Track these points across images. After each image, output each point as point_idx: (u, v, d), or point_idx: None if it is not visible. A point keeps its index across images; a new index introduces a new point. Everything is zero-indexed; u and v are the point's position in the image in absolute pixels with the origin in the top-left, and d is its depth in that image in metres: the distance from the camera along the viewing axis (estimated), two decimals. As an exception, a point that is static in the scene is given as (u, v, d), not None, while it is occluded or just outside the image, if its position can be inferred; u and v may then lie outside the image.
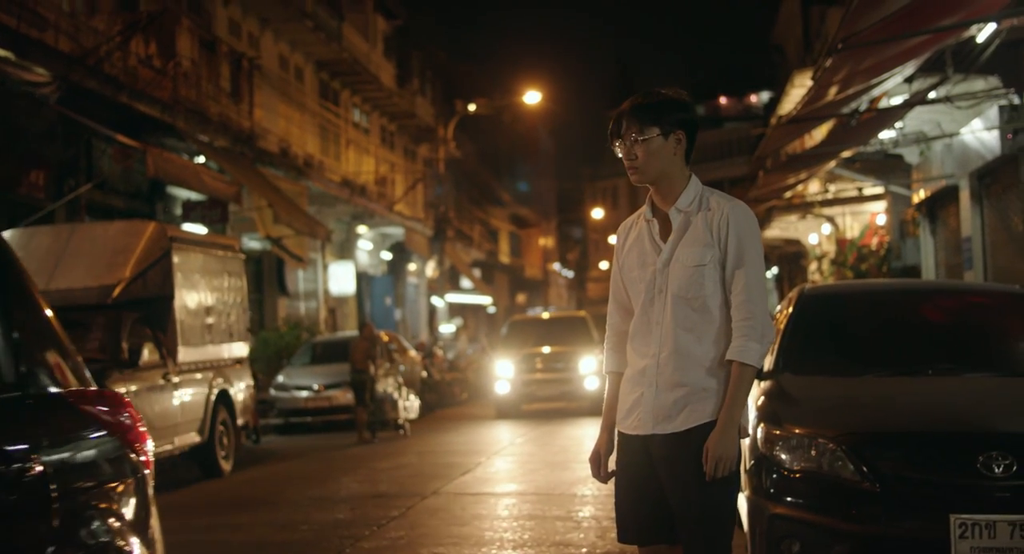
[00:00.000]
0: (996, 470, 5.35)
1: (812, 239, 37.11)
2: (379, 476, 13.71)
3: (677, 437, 4.24)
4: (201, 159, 20.37)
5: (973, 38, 15.12)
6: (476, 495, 11.83)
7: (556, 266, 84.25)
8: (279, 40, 28.38)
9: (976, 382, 6.44)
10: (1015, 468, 5.34)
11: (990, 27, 14.31)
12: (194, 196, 20.62)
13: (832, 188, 33.44)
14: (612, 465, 4.47)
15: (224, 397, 14.36)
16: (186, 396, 13.30)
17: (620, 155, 4.32)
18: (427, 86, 44.60)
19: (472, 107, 40.60)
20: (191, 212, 20.86)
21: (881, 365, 6.75)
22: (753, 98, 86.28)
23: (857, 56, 10.79)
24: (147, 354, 12.50)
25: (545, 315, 34.00)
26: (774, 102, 35.46)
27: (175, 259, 13.35)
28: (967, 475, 5.39)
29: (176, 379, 13.07)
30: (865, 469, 5.52)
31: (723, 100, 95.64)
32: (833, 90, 13.41)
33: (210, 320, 14.25)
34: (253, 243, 24.50)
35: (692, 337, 4.26)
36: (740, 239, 4.24)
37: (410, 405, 20.80)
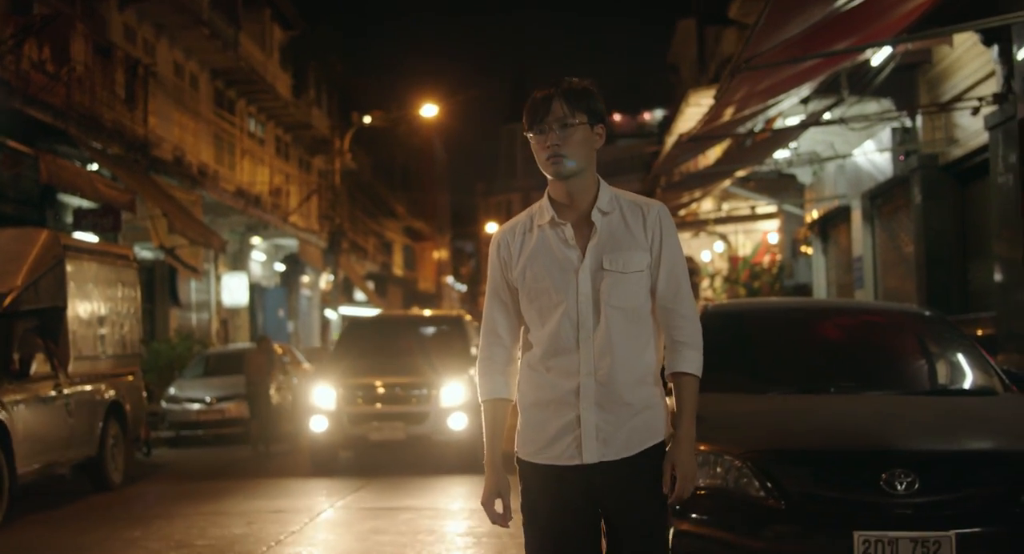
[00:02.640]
0: (899, 488, 5.42)
1: (705, 257, 37.54)
2: (275, 490, 13.55)
3: (629, 461, 3.89)
4: (95, 166, 20.02)
5: (868, 61, 15.43)
6: (373, 509, 11.74)
7: (449, 280, 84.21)
8: (174, 47, 28.02)
9: (877, 400, 6.53)
10: (917, 485, 5.42)
11: (885, 51, 14.62)
12: (86, 204, 20.23)
13: (725, 206, 33.90)
14: (500, 507, 4.01)
15: (116, 409, 14.07)
16: (77, 408, 13.02)
17: (536, 143, 3.92)
18: (323, 97, 44.35)
19: (368, 119, 40.44)
20: (83, 220, 20.45)
21: (784, 383, 6.82)
22: (647, 116, 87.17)
23: (756, 77, 10.94)
24: (38, 365, 12.21)
25: (404, 314, 25.63)
26: (668, 120, 35.79)
27: (68, 268, 13.06)
28: (871, 492, 5.45)
29: (67, 391, 12.79)
30: (770, 486, 5.56)
31: (617, 117, 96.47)
32: (731, 110, 13.59)
33: (103, 331, 13.98)
34: (146, 253, 24.11)
35: (633, 350, 3.90)
36: (671, 242, 3.96)
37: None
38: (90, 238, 20.08)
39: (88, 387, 13.41)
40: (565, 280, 3.89)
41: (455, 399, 15.08)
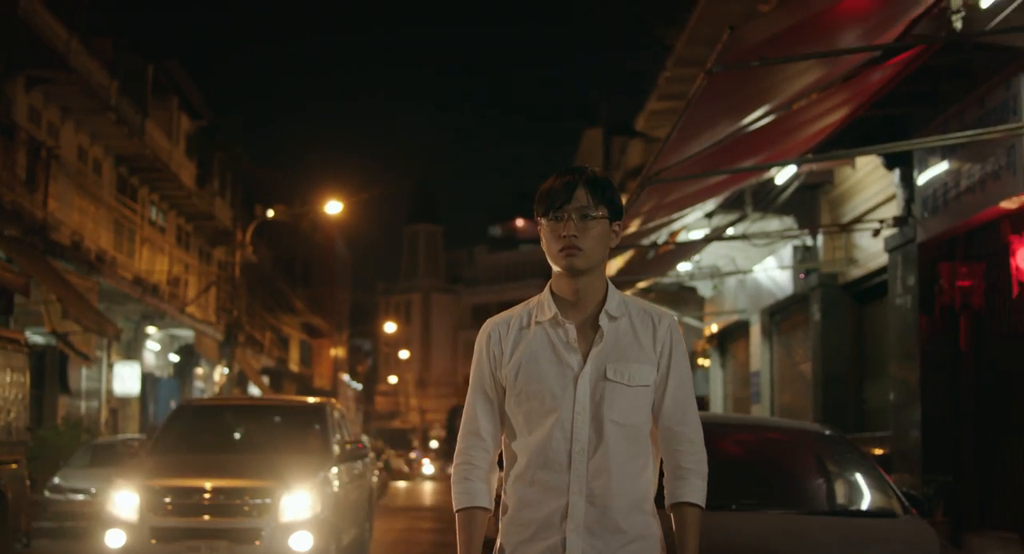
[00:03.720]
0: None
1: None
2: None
3: None
4: (-11, 248, 19.64)
5: (773, 180, 15.70)
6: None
7: (346, 377, 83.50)
8: (80, 131, 27.74)
9: (780, 519, 6.48)
10: None
11: (789, 170, 14.89)
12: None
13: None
14: None
15: (-3, 498, 13.62)
16: (-44, 495, 12.57)
17: (550, 232, 3.54)
18: (227, 188, 44.10)
19: (271, 212, 40.24)
20: (-27, 302, 20.01)
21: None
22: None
23: (665, 189, 11.06)
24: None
25: (252, 399, 21.49)
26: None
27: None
28: None
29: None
30: None
31: (519, 222, 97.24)
32: (638, 221, 13.71)
33: (-11, 417, 13.59)
34: (37, 337, 23.57)
35: (629, 472, 3.50)
36: (681, 359, 3.61)
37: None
38: (-20, 320, 19.69)
39: (-32, 474, 12.96)
40: (562, 386, 3.52)
41: (300, 512, 11.78)
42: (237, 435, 14.23)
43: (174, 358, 37.68)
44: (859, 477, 7.12)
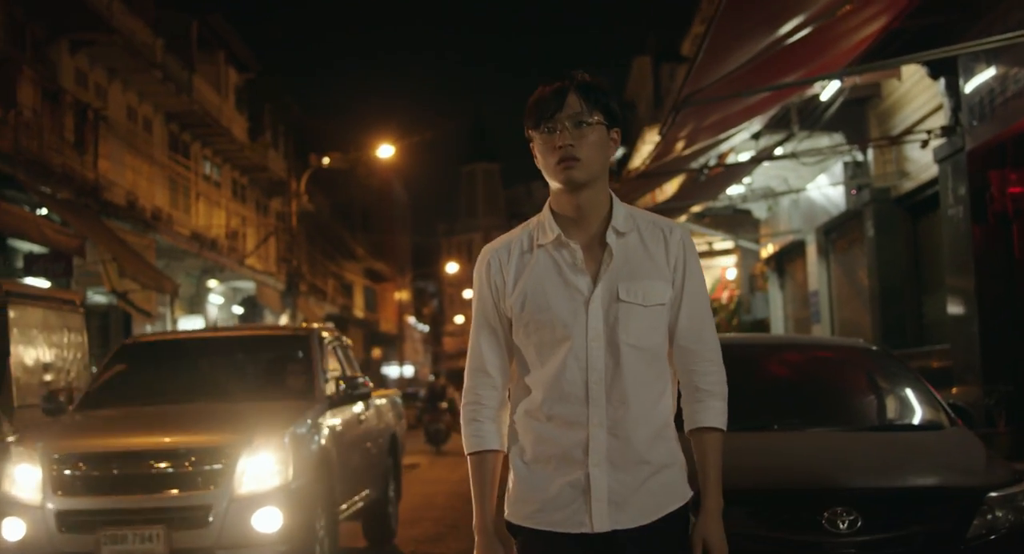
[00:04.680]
0: (841, 526, 5.31)
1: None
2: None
3: (648, 530, 3.26)
4: (44, 211, 19.81)
5: (818, 96, 15.46)
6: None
7: (411, 320, 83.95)
8: (127, 91, 27.84)
9: (821, 437, 6.42)
10: (859, 524, 5.31)
11: (833, 86, 14.64)
12: (37, 249, 20.01)
13: (683, 243, 33.89)
14: None
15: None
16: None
17: (543, 144, 3.28)
18: (280, 139, 44.21)
19: (325, 161, 40.26)
20: (33, 265, 20.21)
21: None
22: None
23: (701, 112, 10.91)
24: (-21, 413, 11.91)
25: (214, 332, 14.22)
26: (627, 158, 35.86)
27: (11, 314, 12.86)
28: (812, 532, 5.34)
29: (12, 438, 12.55)
30: None
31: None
32: (680, 145, 13.57)
33: (48, 377, 13.76)
34: (99, 297, 23.85)
35: (650, 399, 3.28)
36: (696, 273, 3.37)
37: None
38: (41, 283, 19.87)
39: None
40: (572, 312, 3.26)
41: (265, 479, 8.50)
42: (192, 379, 10.54)
43: (238, 310, 37.97)
44: (905, 392, 7.03)
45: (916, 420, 6.83)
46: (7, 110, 19.07)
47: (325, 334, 11.13)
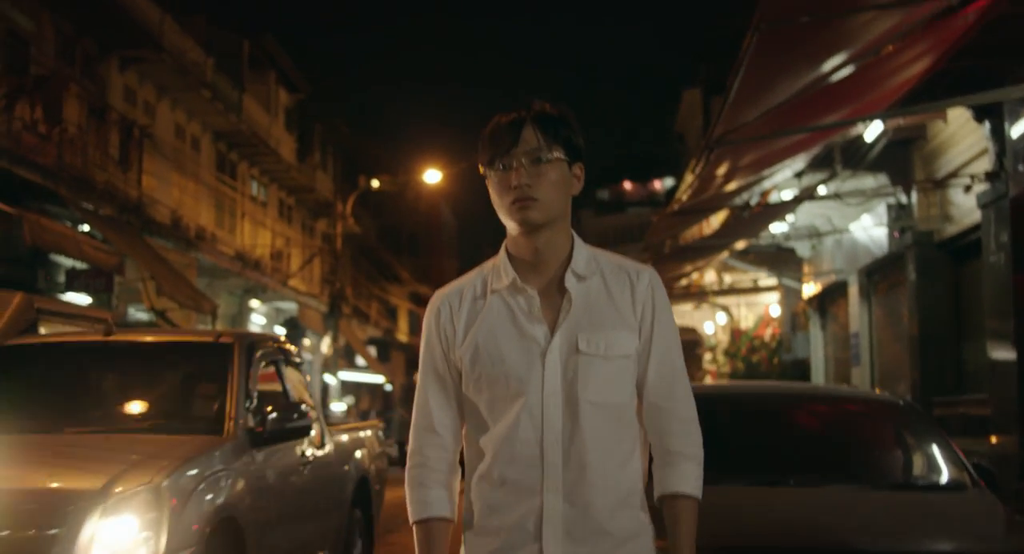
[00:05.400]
0: (850, 591, 5.13)
1: (708, 328, 37.29)
2: None
3: None
4: (86, 227, 19.89)
5: (861, 136, 15.27)
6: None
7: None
8: (176, 109, 28.01)
9: (838, 495, 6.22)
10: None
11: (877, 126, 14.44)
12: (79, 264, 20.10)
13: (728, 278, 33.71)
14: None
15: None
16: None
17: (498, 183, 2.98)
18: (328, 160, 44.36)
19: (375, 183, 40.32)
20: (75, 281, 20.29)
21: (740, 473, 6.48)
22: (657, 184, 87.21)
23: (739, 151, 10.75)
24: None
25: (107, 338, 8.34)
26: (675, 190, 35.78)
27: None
28: None
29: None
30: None
31: (627, 185, 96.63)
32: (717, 183, 13.41)
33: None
34: (141, 314, 23.94)
35: (613, 462, 2.94)
36: (665, 320, 3.04)
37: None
38: (83, 299, 19.96)
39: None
40: (527, 364, 2.93)
41: (121, 548, 5.80)
42: (67, 398, 7.97)
43: (280, 331, 38.04)
44: (927, 449, 6.81)
45: (938, 480, 6.61)
46: (52, 126, 19.17)
47: (262, 343, 8.36)
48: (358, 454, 9.86)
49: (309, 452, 8.31)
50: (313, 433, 8.24)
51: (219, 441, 7.03)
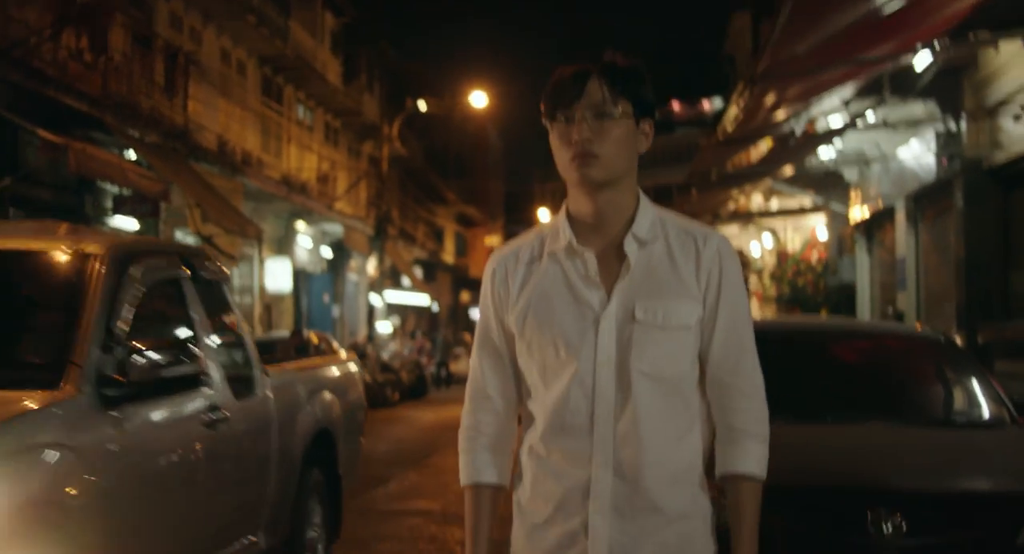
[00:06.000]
0: (886, 529, 5.15)
1: (754, 250, 37.13)
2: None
3: None
4: (132, 154, 19.99)
5: (911, 64, 15.06)
6: (383, 513, 11.60)
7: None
8: (222, 35, 27.97)
9: (875, 432, 6.24)
10: (905, 527, 5.16)
11: (926, 54, 14.24)
12: (126, 190, 20.24)
13: (775, 202, 33.52)
14: None
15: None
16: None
17: (559, 137, 2.82)
18: (374, 83, 44.24)
19: (421, 105, 40.18)
20: (121, 206, 20.44)
21: (776, 410, 6.47)
22: (706, 104, 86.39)
23: (784, 83, 10.66)
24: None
25: None
26: (723, 112, 35.47)
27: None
28: (856, 533, 5.19)
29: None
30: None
31: (675, 105, 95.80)
32: (763, 114, 13.30)
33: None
34: (188, 238, 24.13)
35: (669, 436, 2.80)
36: (733, 290, 2.86)
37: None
38: (130, 223, 20.16)
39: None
40: (580, 331, 2.80)
41: None
42: None
43: (326, 253, 38.24)
44: (966, 385, 6.83)
45: (976, 416, 6.63)
46: (98, 55, 19.22)
47: (147, 255, 5.93)
48: (318, 398, 7.79)
49: (216, 406, 6.05)
50: (216, 379, 6.12)
51: (53, 398, 4.79)
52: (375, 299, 42.23)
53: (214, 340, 6.33)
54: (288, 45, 31.08)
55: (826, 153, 20.99)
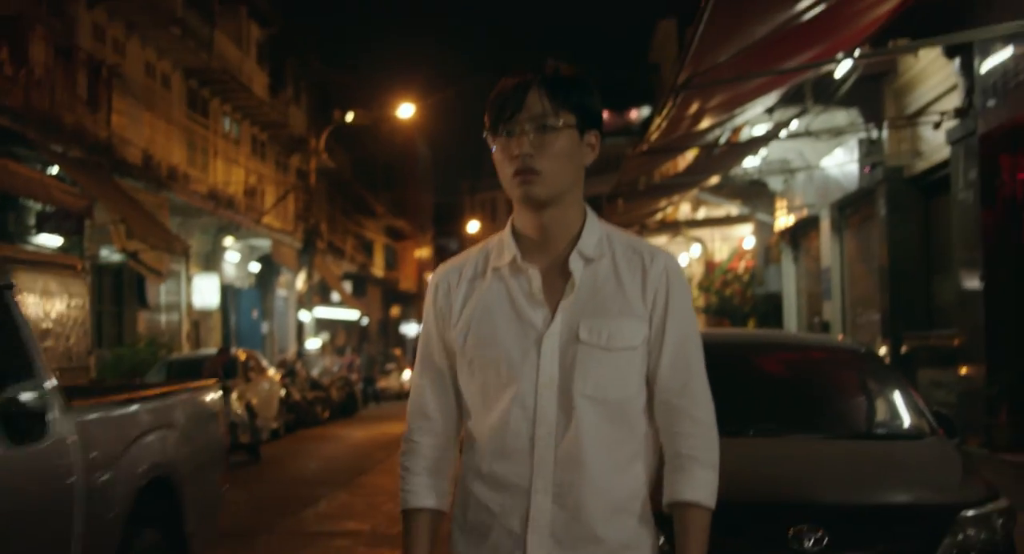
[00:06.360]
0: (807, 544, 5.15)
1: (682, 260, 37.28)
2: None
3: None
4: (55, 169, 19.74)
5: (832, 72, 15.21)
6: (310, 535, 11.47)
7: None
8: (146, 46, 27.70)
9: (796, 445, 6.24)
10: (826, 541, 5.16)
11: (847, 62, 14.39)
12: (49, 206, 19.98)
13: (702, 211, 33.72)
14: None
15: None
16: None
17: (501, 151, 2.71)
18: (301, 95, 44.04)
19: (350, 116, 40.02)
20: (45, 223, 20.16)
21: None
22: (633, 113, 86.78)
23: (706, 93, 10.71)
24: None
25: None
26: (651, 121, 35.62)
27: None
28: (777, 549, 5.19)
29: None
30: (663, 542, 5.30)
31: (605, 114, 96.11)
32: (687, 123, 13.36)
33: (48, 344, 13.71)
34: (113, 256, 23.84)
35: (612, 463, 2.67)
36: (681, 309, 2.73)
37: (263, 426, 20.34)
38: (54, 240, 19.88)
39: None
40: (522, 350, 2.68)
41: None
42: None
43: (254, 268, 37.97)
44: (887, 396, 6.85)
45: (897, 428, 6.66)
46: (18, 68, 18.96)
47: None
48: (154, 437, 6.33)
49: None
50: None
51: None
52: (304, 315, 41.95)
53: None
54: (213, 57, 30.85)
55: (751, 162, 21.16)
